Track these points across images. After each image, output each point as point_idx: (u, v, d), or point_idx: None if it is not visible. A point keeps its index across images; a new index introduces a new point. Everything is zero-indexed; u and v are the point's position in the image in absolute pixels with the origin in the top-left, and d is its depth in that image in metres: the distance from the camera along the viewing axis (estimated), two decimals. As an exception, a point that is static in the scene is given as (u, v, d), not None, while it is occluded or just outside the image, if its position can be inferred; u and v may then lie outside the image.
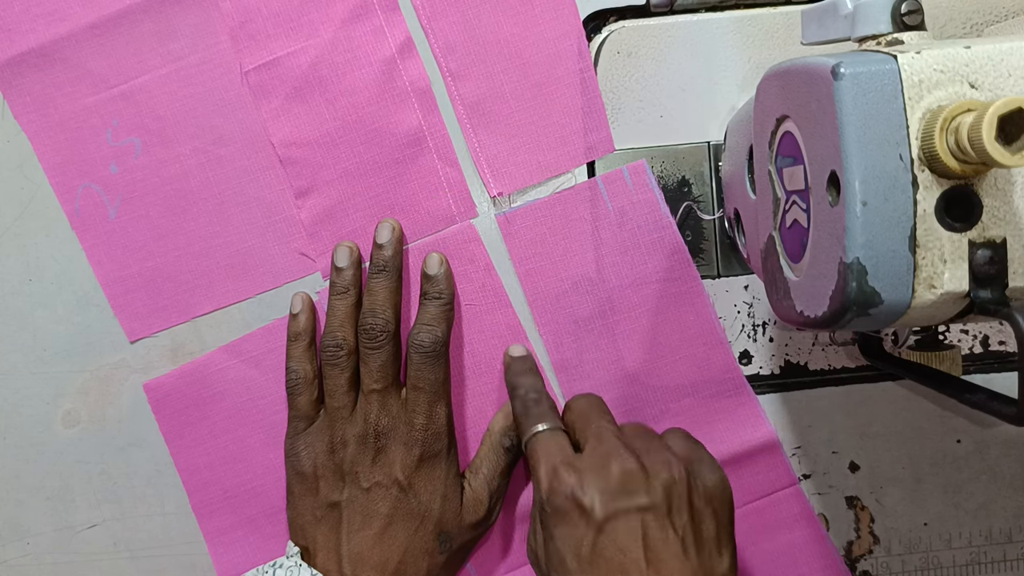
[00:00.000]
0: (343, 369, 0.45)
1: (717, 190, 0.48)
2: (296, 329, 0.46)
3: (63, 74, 0.47)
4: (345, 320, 0.45)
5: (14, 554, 0.50)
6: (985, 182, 0.30)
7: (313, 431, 0.46)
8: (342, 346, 0.45)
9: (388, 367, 0.45)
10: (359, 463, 0.44)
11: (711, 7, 0.47)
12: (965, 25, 0.47)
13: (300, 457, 0.45)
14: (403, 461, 0.44)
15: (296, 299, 0.47)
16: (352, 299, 0.46)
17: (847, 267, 0.30)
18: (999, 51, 0.30)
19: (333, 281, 0.46)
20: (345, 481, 0.44)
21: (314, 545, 0.44)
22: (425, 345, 0.45)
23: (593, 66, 0.47)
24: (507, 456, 0.46)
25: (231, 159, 0.47)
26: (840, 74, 0.30)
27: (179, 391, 0.48)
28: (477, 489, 0.46)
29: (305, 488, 0.45)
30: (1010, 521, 0.50)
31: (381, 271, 0.46)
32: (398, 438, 0.44)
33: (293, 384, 0.46)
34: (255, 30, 0.46)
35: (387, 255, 0.46)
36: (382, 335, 0.45)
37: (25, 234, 0.48)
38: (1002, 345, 0.49)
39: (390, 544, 0.44)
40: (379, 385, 0.45)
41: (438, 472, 0.45)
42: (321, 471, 0.45)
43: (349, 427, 0.45)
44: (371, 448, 0.44)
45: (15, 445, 0.49)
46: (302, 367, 0.46)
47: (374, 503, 0.44)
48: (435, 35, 0.47)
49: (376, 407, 0.44)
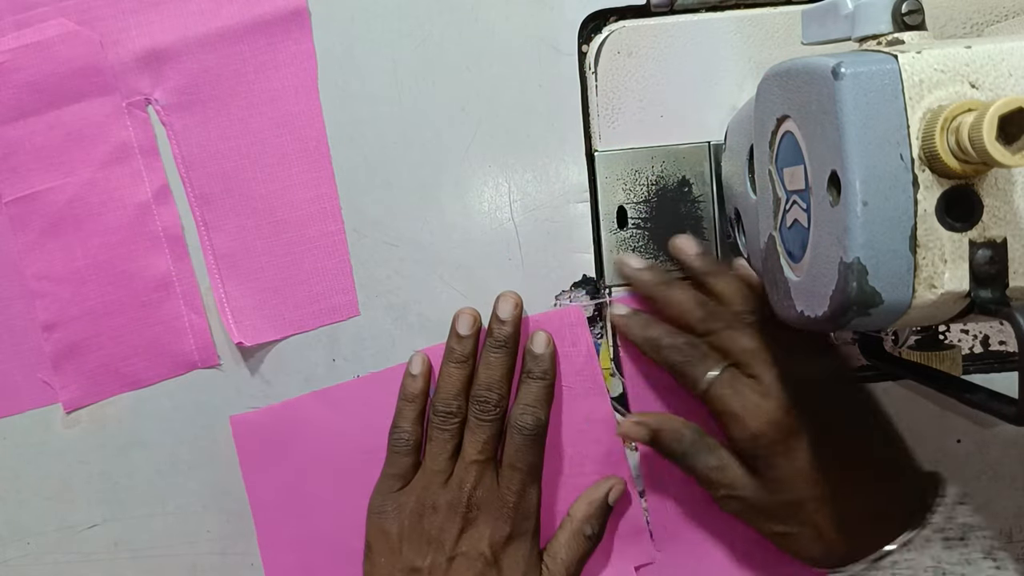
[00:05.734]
0: (452, 436, 0.45)
1: (717, 190, 0.48)
2: (414, 391, 0.47)
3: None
4: (461, 389, 0.46)
5: (15, 554, 0.50)
6: (986, 182, 0.30)
7: (406, 492, 0.46)
8: (456, 414, 0.45)
9: (492, 441, 0.45)
10: (446, 531, 0.44)
11: (711, 7, 0.47)
12: (965, 25, 0.47)
13: (387, 515, 0.45)
14: (491, 536, 0.44)
15: (417, 359, 0.47)
16: (469, 369, 0.46)
17: (847, 267, 0.30)
18: (1000, 51, 0.30)
19: (452, 347, 0.46)
20: (430, 547, 0.44)
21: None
22: (528, 427, 0.45)
23: (342, 231, 0.48)
24: (587, 544, 0.46)
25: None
26: (841, 74, 0.30)
27: (265, 428, 0.49)
28: (555, 573, 0.46)
29: (387, 547, 0.45)
30: (1010, 521, 0.50)
31: (502, 347, 0.46)
32: (490, 512, 0.45)
33: (402, 444, 0.46)
34: (17, 163, 0.47)
35: (508, 331, 0.46)
36: (495, 410, 0.45)
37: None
38: (1002, 345, 0.49)
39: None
40: (482, 457, 0.45)
41: (523, 552, 0.45)
42: (407, 533, 0.45)
43: (443, 493, 0.45)
44: (461, 518, 0.44)
45: (16, 445, 0.49)
46: (414, 429, 0.46)
47: (456, 573, 0.44)
48: (192, 185, 0.48)
49: (474, 478, 0.45)
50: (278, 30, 0.47)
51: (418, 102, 0.48)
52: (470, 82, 0.48)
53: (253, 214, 0.48)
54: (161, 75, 0.47)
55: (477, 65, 0.48)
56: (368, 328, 0.49)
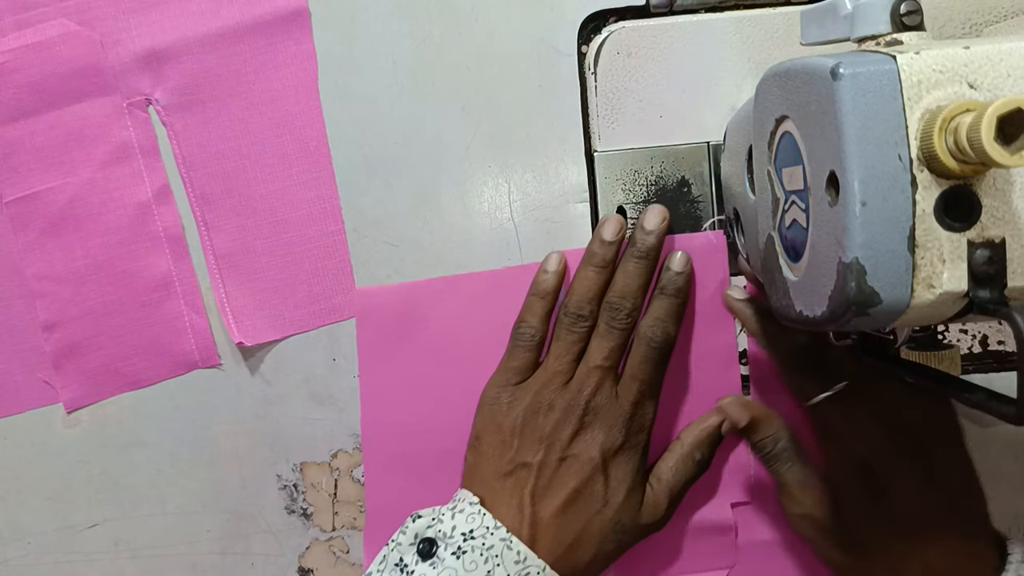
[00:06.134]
0: (579, 340, 0.45)
1: (717, 190, 0.48)
2: (547, 288, 0.46)
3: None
4: (596, 294, 0.45)
5: (15, 553, 0.50)
6: (984, 182, 0.30)
7: (524, 387, 0.45)
8: (587, 318, 0.45)
9: (618, 351, 0.45)
10: (560, 431, 0.44)
11: (711, 7, 0.48)
12: (964, 25, 0.47)
13: (501, 408, 0.45)
14: (604, 443, 0.44)
15: (553, 257, 0.47)
16: (607, 276, 0.46)
17: (846, 267, 0.30)
18: (998, 51, 0.30)
19: (594, 251, 0.46)
20: (542, 445, 0.44)
21: (494, 498, 0.44)
22: (656, 340, 0.45)
23: (343, 231, 0.48)
24: (695, 469, 0.46)
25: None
26: (839, 74, 0.30)
27: (388, 306, 0.48)
28: (659, 493, 0.45)
29: (497, 439, 0.45)
30: (1009, 520, 0.50)
31: (643, 257, 0.45)
32: (605, 420, 0.44)
33: (526, 339, 0.46)
34: (18, 163, 0.48)
35: (651, 243, 0.45)
36: (627, 320, 0.45)
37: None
38: (1001, 345, 0.49)
39: (572, 519, 0.43)
40: (606, 363, 0.44)
41: (632, 464, 0.45)
42: (519, 428, 0.44)
43: (561, 394, 0.44)
44: (576, 420, 0.44)
45: (16, 445, 0.49)
46: (540, 326, 0.46)
47: (565, 475, 0.44)
48: (192, 185, 0.48)
49: (595, 383, 0.44)
50: (278, 30, 0.47)
51: (418, 102, 0.48)
52: (470, 82, 0.48)
53: (253, 214, 0.48)
54: (161, 75, 0.47)
55: (477, 65, 0.48)
56: (368, 328, 0.49)
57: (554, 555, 0.42)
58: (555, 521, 0.43)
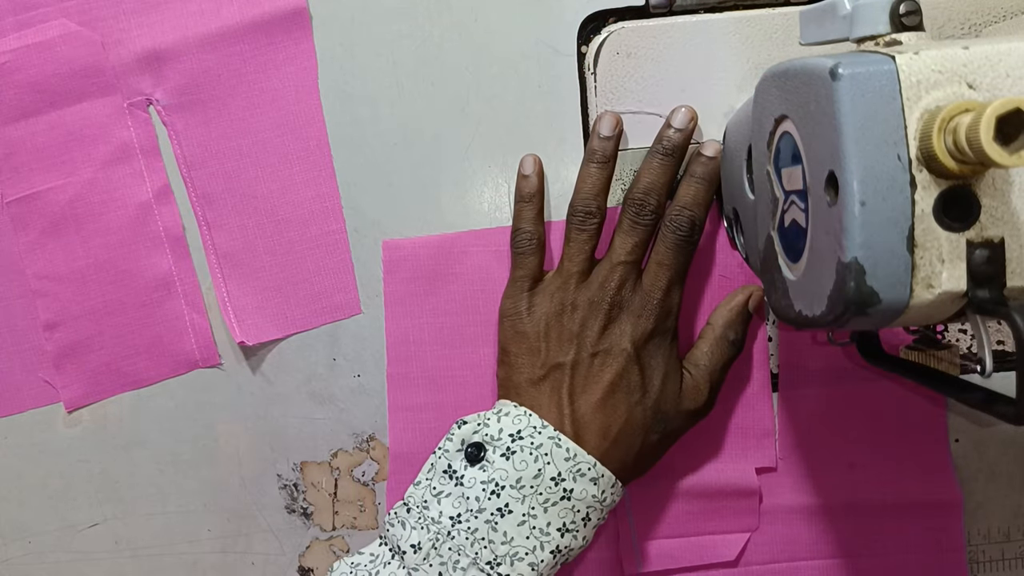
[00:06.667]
0: (591, 237, 0.45)
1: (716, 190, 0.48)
2: (529, 190, 0.46)
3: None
4: (600, 190, 0.45)
5: (16, 553, 0.50)
6: (983, 182, 0.30)
7: (541, 292, 0.46)
8: (595, 214, 0.45)
9: (643, 245, 0.45)
10: (588, 327, 0.44)
11: (710, 8, 0.48)
12: (963, 26, 0.47)
13: (522, 316, 0.45)
14: (633, 333, 0.44)
15: (528, 160, 0.47)
16: (609, 171, 0.46)
17: (845, 267, 0.30)
18: (997, 52, 0.30)
19: (593, 149, 0.46)
20: (572, 343, 0.44)
21: (532, 404, 0.44)
22: (683, 228, 0.44)
23: (344, 230, 0.48)
24: (731, 350, 0.46)
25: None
26: (838, 75, 0.30)
27: (416, 258, 0.48)
28: (698, 378, 0.45)
29: (524, 348, 0.45)
30: (1008, 520, 0.50)
31: (669, 155, 0.45)
32: (631, 310, 0.44)
33: (526, 243, 0.46)
34: (19, 163, 0.48)
35: (678, 141, 0.45)
36: (651, 216, 0.45)
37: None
38: (1000, 345, 0.49)
39: (612, 412, 0.43)
40: (630, 259, 0.44)
41: (664, 350, 0.45)
42: (545, 331, 0.45)
43: (583, 292, 0.45)
44: (603, 315, 0.44)
45: (17, 444, 0.49)
46: (536, 228, 0.46)
47: (599, 369, 0.44)
48: (193, 184, 0.48)
49: (619, 277, 0.44)
50: (278, 30, 0.47)
51: (418, 102, 0.48)
52: (470, 82, 0.48)
53: (254, 213, 0.48)
54: (162, 75, 0.47)
55: (477, 65, 0.48)
56: (369, 327, 0.49)
57: (600, 450, 0.43)
58: (596, 416, 0.43)
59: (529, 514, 0.41)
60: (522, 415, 0.43)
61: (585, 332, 0.44)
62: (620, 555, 0.50)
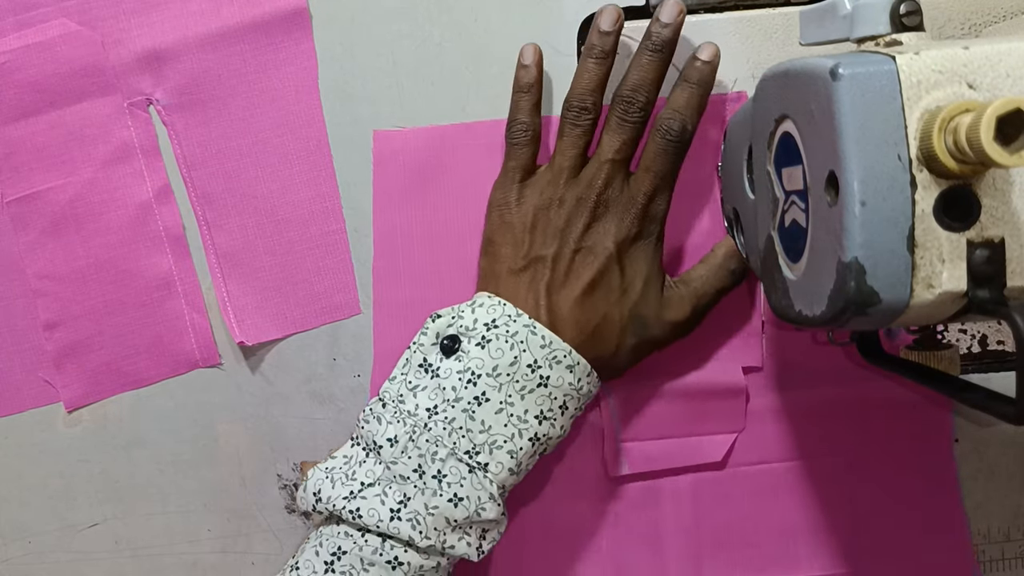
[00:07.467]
0: (584, 133, 0.44)
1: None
2: (528, 80, 0.46)
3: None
4: (598, 86, 0.45)
5: (16, 553, 0.50)
6: (983, 182, 0.30)
7: (531, 184, 0.45)
8: (590, 110, 0.44)
9: (631, 144, 0.44)
10: (573, 223, 0.44)
11: (711, 7, 0.48)
12: (964, 26, 0.47)
13: (511, 207, 0.45)
14: (617, 233, 0.44)
15: (528, 49, 0.46)
16: (608, 67, 0.45)
17: (846, 267, 0.30)
18: (997, 52, 0.30)
19: (593, 44, 0.45)
20: (555, 238, 0.44)
21: (510, 294, 0.44)
22: (673, 131, 0.44)
23: (344, 230, 0.48)
24: (729, 279, 0.46)
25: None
26: (839, 75, 0.30)
27: (407, 151, 0.48)
28: (684, 293, 0.45)
29: (509, 239, 0.45)
30: (1008, 520, 0.50)
31: (658, 51, 0.44)
32: (617, 211, 0.44)
33: (521, 135, 0.45)
34: (19, 163, 0.47)
35: (667, 36, 0.44)
36: (640, 113, 0.44)
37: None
38: (1000, 344, 0.49)
39: (590, 309, 0.43)
40: (618, 157, 0.44)
41: (647, 254, 0.45)
42: (531, 224, 0.44)
43: (571, 188, 0.44)
44: (588, 213, 0.44)
45: (17, 444, 0.49)
46: (532, 120, 0.45)
47: (580, 265, 0.44)
48: (193, 184, 0.48)
49: (606, 175, 0.44)
50: (278, 30, 0.47)
51: (418, 102, 0.48)
52: (470, 82, 0.48)
53: (254, 213, 0.48)
54: (162, 75, 0.47)
55: (477, 65, 0.48)
56: (369, 326, 0.49)
57: (576, 342, 0.43)
58: (573, 312, 0.43)
59: (506, 402, 0.41)
60: (496, 304, 0.43)
61: (570, 228, 0.44)
62: (605, 458, 0.49)
